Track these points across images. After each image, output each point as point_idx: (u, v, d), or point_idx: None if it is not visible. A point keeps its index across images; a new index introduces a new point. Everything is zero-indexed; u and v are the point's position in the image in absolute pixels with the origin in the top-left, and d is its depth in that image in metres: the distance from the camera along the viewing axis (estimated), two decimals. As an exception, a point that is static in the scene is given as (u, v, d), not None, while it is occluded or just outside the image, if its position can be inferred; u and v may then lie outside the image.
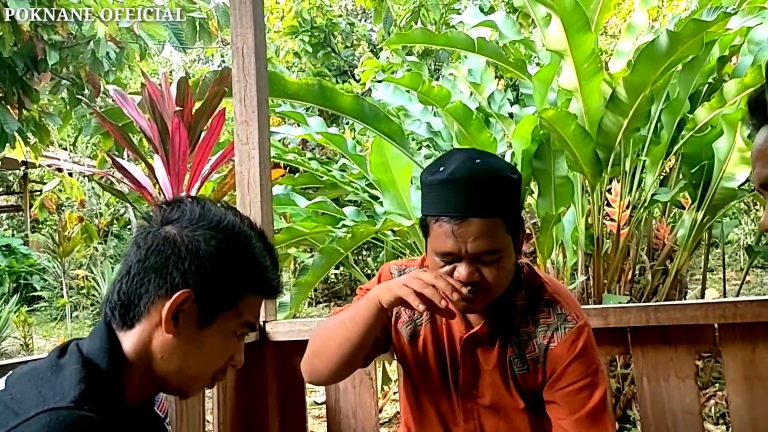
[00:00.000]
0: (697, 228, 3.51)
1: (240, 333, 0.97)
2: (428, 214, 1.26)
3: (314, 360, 1.38)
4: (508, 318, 1.34)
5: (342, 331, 1.30)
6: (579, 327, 1.32)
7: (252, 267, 0.95)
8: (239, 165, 1.87)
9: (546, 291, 1.36)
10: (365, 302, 1.27)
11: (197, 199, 0.96)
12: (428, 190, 1.27)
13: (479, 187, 1.21)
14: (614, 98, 3.13)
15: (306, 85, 3.31)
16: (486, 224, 1.21)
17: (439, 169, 1.25)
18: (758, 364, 1.61)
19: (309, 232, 4.00)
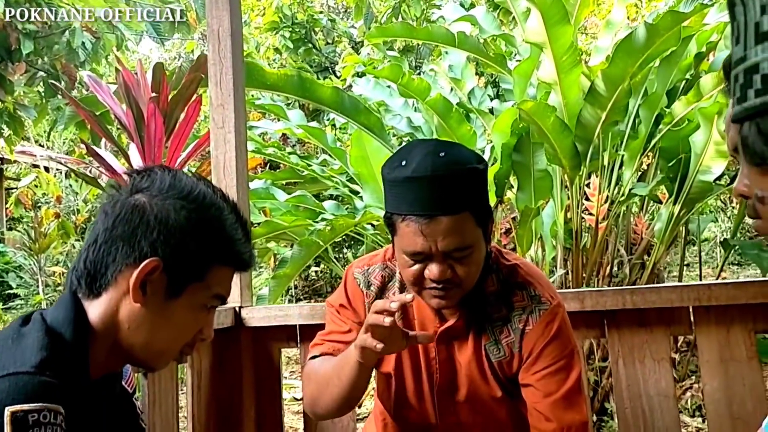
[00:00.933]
0: (674, 221, 3.54)
1: (210, 306, 0.95)
2: (394, 212, 1.21)
3: (315, 408, 1.38)
4: (481, 306, 1.33)
5: (332, 389, 1.29)
6: (553, 308, 1.31)
7: (222, 239, 0.93)
8: (215, 149, 1.85)
9: (518, 273, 1.35)
10: (345, 361, 1.25)
11: (168, 169, 0.94)
12: (391, 186, 1.22)
13: (445, 184, 1.17)
14: (593, 91, 3.15)
15: (285, 76, 3.29)
16: (455, 221, 1.18)
17: (401, 163, 1.20)
18: (732, 346, 1.62)
19: (288, 226, 3.97)
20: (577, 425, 1.26)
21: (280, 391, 1.89)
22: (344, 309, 1.41)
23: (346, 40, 8.00)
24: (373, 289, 1.39)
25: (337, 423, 1.82)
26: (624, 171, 3.64)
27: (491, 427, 1.38)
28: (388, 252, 1.41)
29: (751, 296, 1.57)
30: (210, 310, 0.96)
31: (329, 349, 1.38)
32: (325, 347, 1.39)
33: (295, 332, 1.86)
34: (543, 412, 1.27)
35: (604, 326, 1.70)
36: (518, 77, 3.55)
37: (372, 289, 1.39)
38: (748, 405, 1.60)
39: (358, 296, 1.39)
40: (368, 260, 1.44)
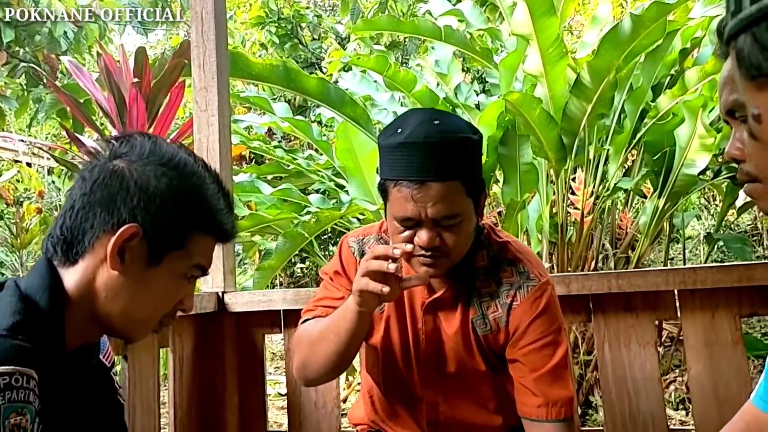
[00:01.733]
0: (658, 215, 3.55)
1: (190, 276, 0.93)
2: (387, 178, 1.23)
3: (306, 371, 1.37)
4: (470, 280, 1.33)
5: (328, 345, 1.28)
6: (542, 285, 1.31)
7: (204, 207, 0.91)
8: (197, 132, 1.82)
9: (508, 250, 1.35)
10: (342, 313, 1.25)
11: (148, 135, 0.92)
12: (386, 153, 1.24)
13: (438, 150, 1.19)
14: (578, 83, 3.15)
15: (270, 66, 3.26)
16: (445, 188, 1.18)
17: (396, 130, 1.22)
18: (718, 330, 1.62)
19: (273, 219, 3.94)
20: (564, 400, 1.26)
21: (263, 376, 1.87)
22: (338, 276, 1.41)
23: (332, 36, 7.98)
24: None
25: (321, 409, 1.81)
26: (609, 165, 3.65)
27: (474, 401, 1.37)
28: (384, 224, 1.41)
29: (736, 279, 1.57)
30: (191, 281, 0.93)
31: (322, 312, 1.38)
32: (318, 311, 1.39)
33: (279, 318, 1.84)
34: (529, 387, 1.27)
35: (590, 311, 1.69)
36: (504, 70, 3.54)
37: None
38: (733, 388, 1.60)
39: (352, 264, 1.40)
40: (363, 231, 1.45)
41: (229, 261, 1.87)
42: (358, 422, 1.51)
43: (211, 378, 1.80)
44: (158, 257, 0.87)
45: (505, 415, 1.37)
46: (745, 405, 1.00)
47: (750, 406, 1.00)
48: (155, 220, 0.86)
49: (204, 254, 0.93)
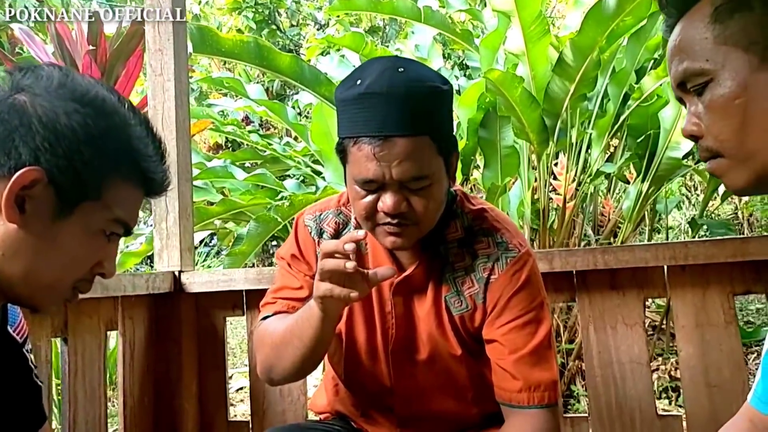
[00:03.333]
0: (642, 199, 3.46)
1: (110, 233, 0.79)
2: (345, 136, 1.08)
3: (270, 374, 1.22)
4: (442, 254, 1.19)
5: (293, 350, 1.13)
6: (522, 256, 1.18)
7: (126, 151, 0.78)
8: (152, 99, 1.68)
9: (484, 219, 1.21)
10: (306, 318, 1.10)
11: (60, 67, 0.78)
12: (344, 107, 1.09)
13: (403, 102, 1.04)
14: (561, 62, 3.04)
15: (241, 42, 3.11)
16: (412, 144, 1.04)
17: (356, 82, 1.07)
18: (709, 310, 1.51)
19: (246, 205, 3.82)
20: (547, 383, 1.13)
21: (224, 362, 1.73)
22: (296, 260, 1.26)
23: (311, 23, 7.82)
24: (326, 237, 1.24)
25: (287, 397, 1.68)
26: (592, 150, 3.56)
27: (450, 388, 1.24)
28: (343, 197, 1.27)
29: (730, 254, 1.46)
30: (111, 240, 0.80)
31: (283, 307, 1.23)
32: (279, 305, 1.24)
33: (241, 298, 1.70)
34: (508, 369, 1.14)
35: (574, 289, 1.58)
36: (485, 50, 3.43)
37: (325, 237, 1.24)
38: (725, 372, 1.50)
39: (311, 245, 1.25)
40: (320, 206, 1.29)
41: (187, 238, 1.73)
42: (321, 410, 1.38)
43: (166, 364, 1.67)
44: (68, 208, 0.74)
45: (483, 403, 1.24)
46: (744, 406, 0.90)
47: (749, 407, 0.90)
48: (63, 163, 0.72)
49: (125, 207, 0.79)
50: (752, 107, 0.71)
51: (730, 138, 0.73)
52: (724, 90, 0.72)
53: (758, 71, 0.70)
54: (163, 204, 1.69)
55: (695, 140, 0.77)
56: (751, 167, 0.73)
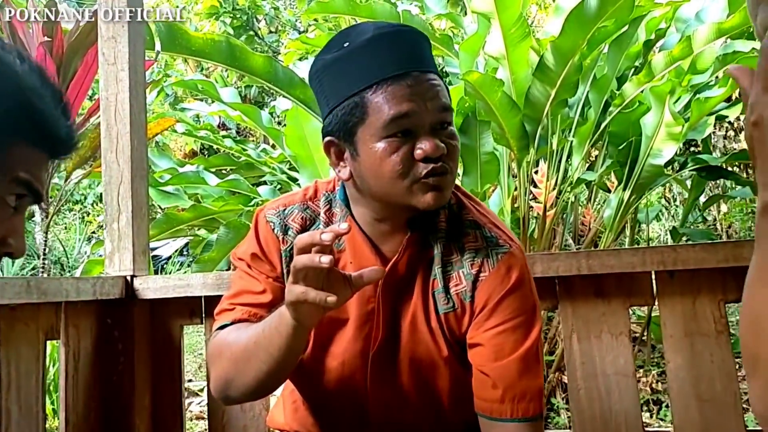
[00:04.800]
0: (623, 208, 3.39)
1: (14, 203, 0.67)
2: (358, 90, 0.97)
3: (228, 392, 1.06)
4: (430, 245, 1.08)
5: (257, 365, 0.99)
6: (514, 252, 1.07)
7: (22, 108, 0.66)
8: (104, 90, 1.57)
9: (470, 211, 1.11)
10: (275, 328, 0.95)
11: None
12: (344, 63, 0.97)
13: (416, 39, 0.99)
14: (542, 65, 2.96)
15: (212, 41, 3.00)
16: (435, 78, 1.00)
17: (343, 45, 0.97)
18: (699, 318, 1.42)
19: (217, 211, 3.70)
20: (533, 393, 1.02)
21: (180, 374, 1.60)
22: (257, 260, 1.12)
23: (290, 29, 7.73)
24: (291, 234, 1.10)
25: (248, 412, 1.55)
26: (573, 157, 3.49)
27: (431, 397, 1.12)
28: (309, 191, 1.15)
29: (722, 259, 1.37)
30: (17, 213, 0.68)
31: (243, 314, 1.09)
32: (238, 312, 1.09)
33: (200, 305, 1.58)
34: (491, 376, 1.02)
35: (557, 296, 1.48)
36: (465, 54, 3.35)
37: (290, 234, 1.10)
38: (717, 385, 1.40)
39: (273, 243, 1.11)
40: (284, 200, 1.16)
41: (141, 240, 1.60)
42: (279, 427, 1.25)
43: (115, 377, 1.54)
44: None
45: (464, 414, 1.12)
46: None
47: None
48: None
49: (25, 166, 0.67)
50: None
51: None
52: None
53: None
54: (115, 203, 1.57)
55: None
56: None
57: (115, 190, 1.57)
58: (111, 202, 1.57)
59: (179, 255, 7.56)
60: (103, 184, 1.57)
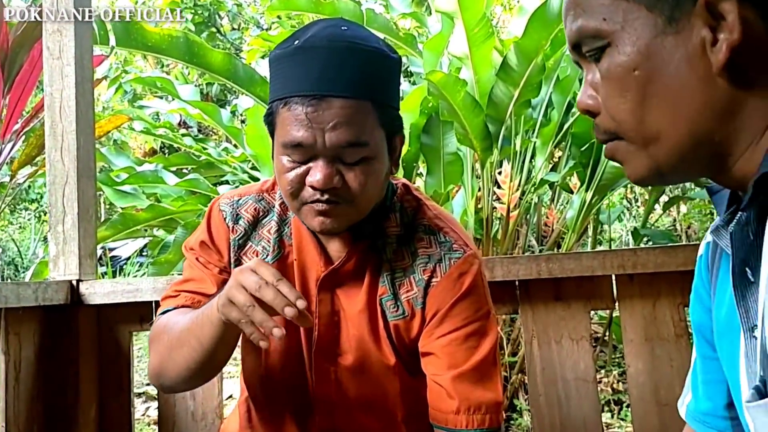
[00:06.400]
0: (586, 209, 3.41)
1: None
2: (275, 98, 0.95)
3: (161, 378, 1.05)
4: (379, 250, 1.05)
5: (189, 352, 0.97)
6: (467, 258, 1.04)
7: None
8: (49, 85, 1.49)
9: (425, 214, 1.08)
10: (207, 316, 0.93)
11: None
12: (277, 67, 0.95)
13: (343, 58, 0.91)
14: (505, 66, 2.95)
15: (169, 36, 2.92)
16: (351, 107, 0.91)
17: (293, 43, 0.93)
18: (659, 323, 1.41)
19: (175, 211, 3.61)
20: (490, 404, 0.99)
21: (129, 383, 1.54)
22: (205, 248, 1.10)
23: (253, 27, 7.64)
24: (243, 224, 1.09)
25: (200, 421, 1.50)
26: (536, 158, 3.50)
27: (379, 404, 1.09)
28: (267, 183, 1.13)
29: (681, 263, 1.36)
30: None
31: (186, 300, 1.07)
32: (181, 299, 1.08)
33: (150, 311, 1.52)
34: (445, 386, 0.99)
35: (517, 300, 1.46)
36: (428, 53, 3.33)
37: (241, 224, 1.09)
38: (677, 389, 1.39)
39: (223, 233, 1.09)
40: (239, 191, 1.14)
41: (88, 243, 1.53)
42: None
43: (60, 388, 1.46)
44: None
45: (416, 424, 1.09)
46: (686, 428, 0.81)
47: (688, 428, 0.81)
48: None
49: None
50: (654, 80, 0.58)
51: (627, 118, 0.60)
52: (623, 58, 0.59)
53: (663, 35, 0.57)
54: (60, 204, 1.49)
55: (592, 116, 0.64)
56: (652, 154, 0.61)
57: (59, 190, 1.50)
58: (56, 203, 1.49)
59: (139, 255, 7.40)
60: (47, 185, 1.50)
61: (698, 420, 0.80)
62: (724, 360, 0.68)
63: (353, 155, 0.93)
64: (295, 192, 0.95)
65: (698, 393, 0.80)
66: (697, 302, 0.77)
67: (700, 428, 0.79)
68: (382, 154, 0.98)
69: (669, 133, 0.59)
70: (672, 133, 0.59)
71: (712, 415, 0.78)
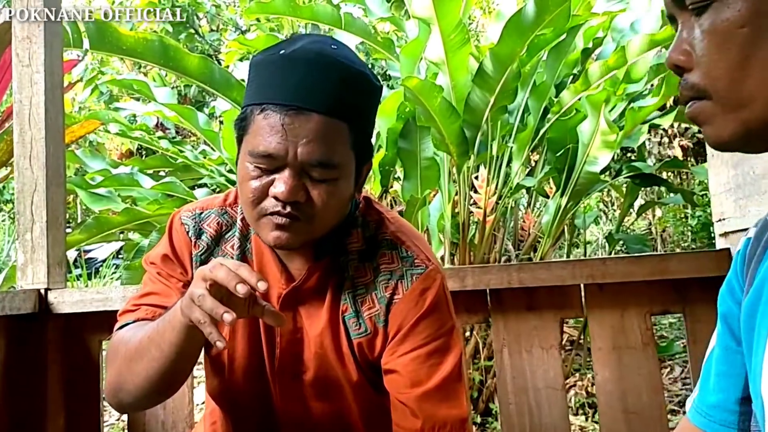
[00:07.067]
0: (561, 214, 3.44)
1: None
2: (252, 102, 0.93)
3: (120, 393, 1.01)
4: (341, 267, 1.05)
5: (149, 363, 0.94)
6: (430, 273, 1.03)
7: None
8: (18, 92, 1.47)
9: (387, 228, 1.07)
10: (169, 322, 0.91)
11: None
12: (257, 71, 0.94)
13: (328, 74, 0.90)
14: (481, 72, 2.97)
15: (144, 40, 2.90)
16: (328, 125, 0.90)
17: (279, 51, 0.92)
18: (627, 332, 1.43)
19: (151, 214, 3.57)
20: (454, 422, 0.99)
21: (98, 393, 1.52)
22: (168, 263, 1.07)
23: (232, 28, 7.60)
24: (205, 238, 1.07)
25: (171, 431, 1.49)
26: (513, 163, 3.52)
27: (343, 419, 1.08)
28: (230, 196, 1.11)
29: (648, 273, 1.38)
30: None
31: (147, 313, 1.04)
32: (141, 312, 1.05)
33: (120, 320, 1.50)
34: (409, 405, 0.99)
35: (488, 309, 1.47)
36: (405, 58, 3.34)
37: (204, 239, 1.07)
38: (644, 397, 1.41)
39: (186, 246, 1.07)
40: (202, 204, 1.11)
41: (57, 251, 1.52)
42: (198, 451, 1.20)
43: (27, 398, 1.45)
44: None
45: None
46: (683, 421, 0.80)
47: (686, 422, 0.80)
48: None
49: None
50: (760, 41, 0.56)
51: (723, 75, 0.58)
52: (732, 13, 0.57)
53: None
54: (29, 212, 1.47)
55: (680, 73, 0.62)
56: (741, 117, 0.58)
57: (28, 198, 1.48)
58: (24, 211, 1.47)
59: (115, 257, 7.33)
60: (15, 192, 1.48)
61: (701, 413, 0.78)
62: (748, 350, 0.68)
63: (321, 174, 0.93)
64: (257, 201, 0.94)
65: (708, 385, 0.78)
66: (728, 294, 0.77)
67: (702, 422, 0.77)
68: (350, 177, 0.97)
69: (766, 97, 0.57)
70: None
71: (720, 407, 0.76)
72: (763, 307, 0.65)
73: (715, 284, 1.39)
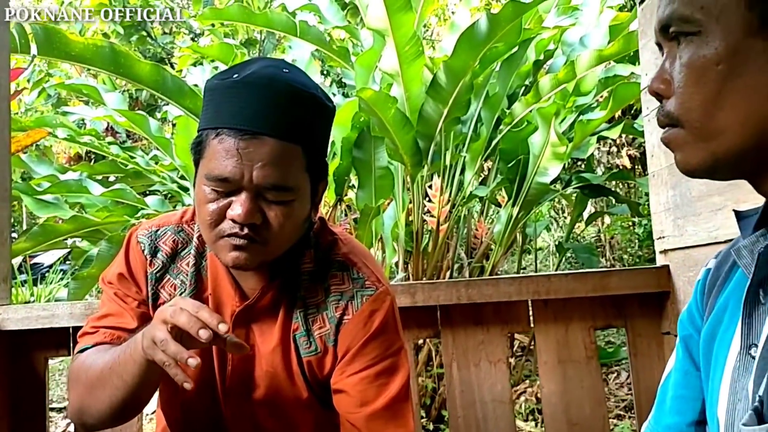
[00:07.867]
0: (512, 223, 3.51)
1: None
2: (207, 126, 0.94)
3: (83, 417, 1.02)
4: (294, 286, 1.06)
5: (111, 391, 0.96)
6: (379, 295, 1.05)
7: None
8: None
9: (339, 250, 1.09)
10: (130, 355, 0.93)
11: None
12: (212, 96, 0.95)
13: (282, 100, 0.92)
14: (435, 84, 3.02)
15: (94, 46, 2.84)
16: (282, 149, 0.92)
17: (232, 76, 0.94)
18: (571, 346, 1.48)
19: (100, 222, 3.51)
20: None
21: (44, 411, 1.50)
22: (124, 282, 1.08)
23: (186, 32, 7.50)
24: (161, 256, 1.07)
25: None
26: (466, 173, 3.57)
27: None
28: (187, 213, 1.11)
29: (591, 289, 1.43)
30: None
31: (106, 337, 1.05)
32: (100, 335, 1.06)
33: (67, 336, 1.48)
34: (357, 425, 1.01)
35: (438, 324, 1.49)
36: (360, 69, 3.36)
37: (159, 257, 1.07)
38: (586, 409, 1.46)
39: (141, 265, 1.08)
40: (158, 221, 1.12)
41: (1, 266, 1.48)
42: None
43: (-32, 417, 1.41)
44: None
45: None
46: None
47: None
48: None
49: None
50: (734, 79, 0.60)
51: (697, 107, 0.62)
52: (709, 51, 0.61)
53: (754, 37, 0.59)
54: (-28, 227, 1.44)
55: (659, 99, 0.66)
56: (710, 148, 0.62)
57: (-29, 213, 1.45)
58: (-33, 226, 1.44)
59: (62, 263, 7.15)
60: (-42, 207, 1.45)
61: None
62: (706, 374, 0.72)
63: (276, 196, 0.94)
64: (214, 223, 0.95)
65: (664, 408, 0.81)
66: (687, 320, 0.80)
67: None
68: (305, 198, 0.99)
69: (735, 131, 0.60)
70: (738, 132, 0.60)
71: (675, 429, 0.79)
72: (721, 335, 0.69)
73: (655, 300, 1.46)
